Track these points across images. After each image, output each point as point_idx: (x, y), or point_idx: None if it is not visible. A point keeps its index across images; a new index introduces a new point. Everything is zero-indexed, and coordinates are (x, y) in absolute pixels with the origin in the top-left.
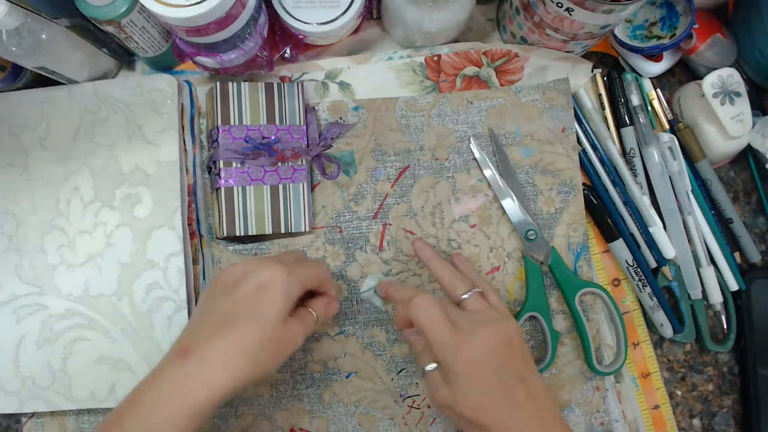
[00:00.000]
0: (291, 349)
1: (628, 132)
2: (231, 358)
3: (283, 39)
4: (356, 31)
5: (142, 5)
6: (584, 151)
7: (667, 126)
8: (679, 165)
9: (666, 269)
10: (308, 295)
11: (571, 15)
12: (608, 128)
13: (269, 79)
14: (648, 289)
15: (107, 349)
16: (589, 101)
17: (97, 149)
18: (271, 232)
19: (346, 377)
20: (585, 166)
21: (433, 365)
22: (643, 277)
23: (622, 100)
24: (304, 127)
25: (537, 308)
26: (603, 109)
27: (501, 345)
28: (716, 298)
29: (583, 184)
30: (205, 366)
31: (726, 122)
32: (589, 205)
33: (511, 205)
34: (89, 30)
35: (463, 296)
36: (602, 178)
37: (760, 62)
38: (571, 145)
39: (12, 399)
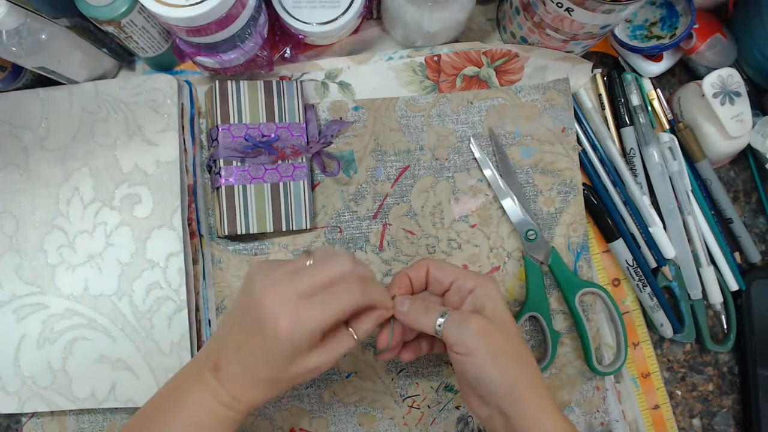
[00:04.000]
0: (312, 375)
1: (628, 132)
2: (255, 388)
3: (283, 39)
4: (356, 31)
5: (142, 5)
6: (584, 151)
7: (667, 126)
8: (679, 165)
9: (666, 269)
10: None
11: (571, 15)
12: (608, 128)
13: (269, 79)
14: (648, 289)
15: (107, 349)
16: (589, 101)
17: (97, 149)
18: (272, 230)
19: (346, 377)
20: (585, 166)
21: (447, 311)
22: (643, 277)
23: (622, 100)
24: (304, 124)
25: (537, 308)
26: (603, 109)
27: None
28: (716, 298)
29: (583, 184)
30: (234, 383)
31: (726, 122)
32: (589, 205)
33: (511, 205)
34: (89, 30)
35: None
36: (602, 178)
37: (760, 62)
38: (571, 145)
39: (12, 399)
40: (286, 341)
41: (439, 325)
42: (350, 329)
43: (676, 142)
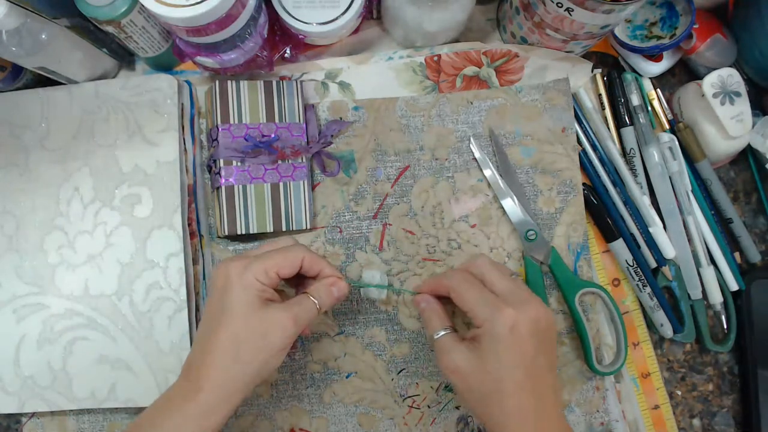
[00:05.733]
0: (279, 337)
1: (628, 132)
2: (222, 376)
3: (283, 39)
4: (356, 31)
5: (142, 5)
6: (584, 151)
7: (667, 126)
8: (679, 165)
9: (666, 269)
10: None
11: (571, 15)
12: (608, 128)
13: (269, 79)
14: (648, 289)
15: (107, 349)
16: (589, 101)
17: (97, 149)
18: (272, 230)
19: (346, 377)
20: (585, 166)
21: (444, 331)
22: (643, 277)
23: (622, 100)
24: (304, 125)
25: None
26: (603, 109)
27: (545, 330)
28: (716, 298)
29: (583, 184)
30: (207, 395)
31: (726, 122)
32: (589, 205)
33: (511, 205)
34: (89, 30)
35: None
36: (602, 178)
37: (760, 62)
38: (571, 145)
39: (12, 399)
40: (241, 287)
41: (435, 338)
42: (311, 296)
43: (676, 142)
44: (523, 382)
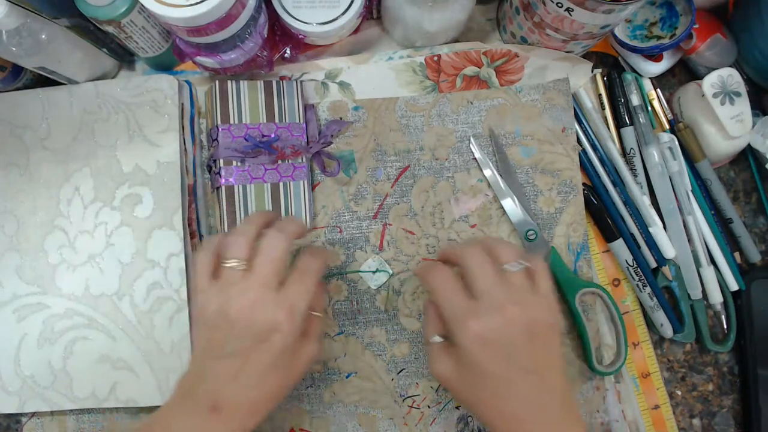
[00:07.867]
0: (311, 364)
1: (628, 132)
2: (263, 408)
3: (283, 39)
4: (356, 31)
5: (142, 5)
6: (584, 151)
7: (667, 126)
8: (679, 165)
9: (666, 269)
10: None
11: (571, 15)
12: (608, 128)
13: (269, 79)
14: (648, 289)
15: (108, 349)
16: (589, 101)
17: (97, 149)
18: None
19: (346, 377)
20: (585, 166)
21: (438, 339)
22: (643, 277)
23: (622, 100)
24: (304, 124)
25: None
26: (603, 109)
27: (521, 332)
28: (716, 298)
29: (583, 184)
30: (238, 420)
31: (726, 122)
32: (589, 205)
33: (511, 205)
34: (89, 30)
35: (506, 266)
36: (602, 178)
37: (760, 62)
38: (571, 145)
39: (13, 398)
40: (290, 330)
41: (427, 344)
42: (316, 313)
43: (676, 142)
44: (497, 390)
